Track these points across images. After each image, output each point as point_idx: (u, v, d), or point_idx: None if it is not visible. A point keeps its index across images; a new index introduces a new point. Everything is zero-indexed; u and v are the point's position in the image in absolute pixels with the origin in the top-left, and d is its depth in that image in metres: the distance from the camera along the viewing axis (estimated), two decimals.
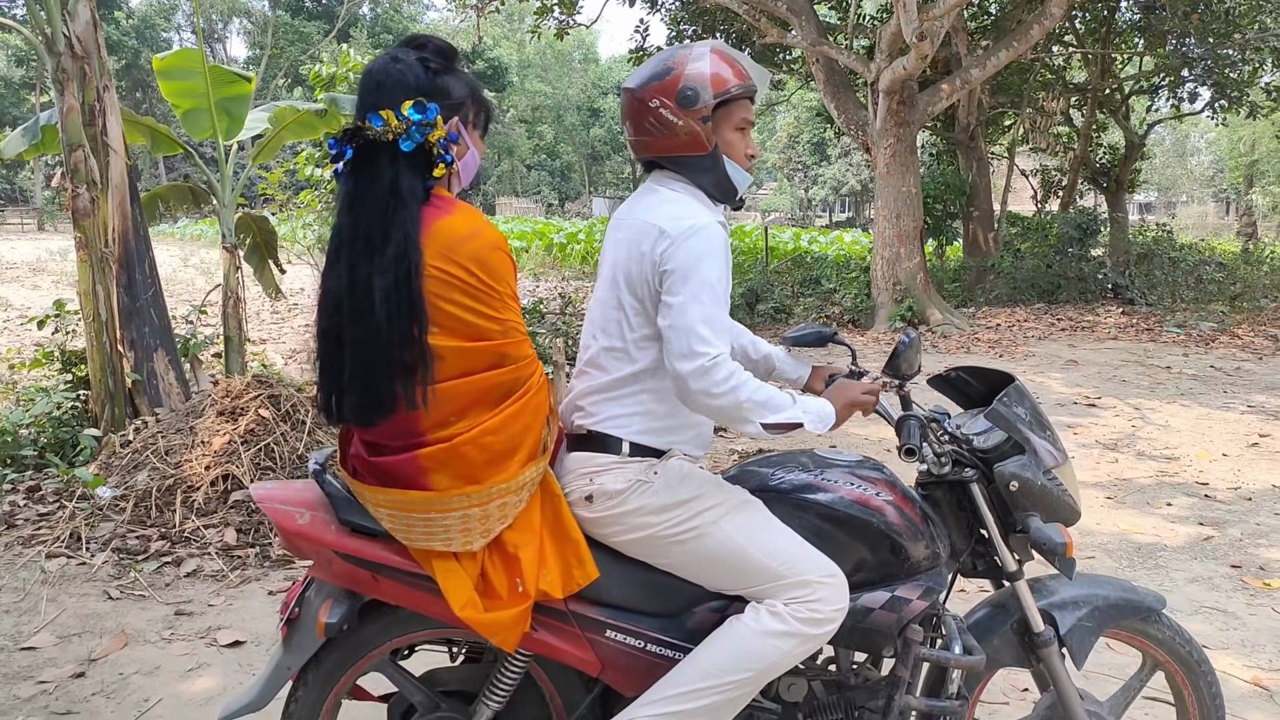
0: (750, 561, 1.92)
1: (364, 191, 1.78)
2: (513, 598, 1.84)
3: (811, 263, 17.04)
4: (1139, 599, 2.20)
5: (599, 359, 2.03)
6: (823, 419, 1.95)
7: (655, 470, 1.96)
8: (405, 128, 1.76)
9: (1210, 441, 6.53)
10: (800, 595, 1.89)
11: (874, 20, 16.19)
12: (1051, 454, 2.08)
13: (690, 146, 2.00)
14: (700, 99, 1.97)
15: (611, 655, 1.96)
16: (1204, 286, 14.91)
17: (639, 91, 2.02)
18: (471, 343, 1.79)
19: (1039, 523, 2.02)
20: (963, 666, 2.05)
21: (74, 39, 5.16)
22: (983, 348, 10.75)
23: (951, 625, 2.09)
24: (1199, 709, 2.25)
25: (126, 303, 5.31)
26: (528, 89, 53.49)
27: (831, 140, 47.97)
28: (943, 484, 2.13)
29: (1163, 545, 4.50)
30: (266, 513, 1.93)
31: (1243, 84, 15.88)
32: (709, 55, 2.01)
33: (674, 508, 1.93)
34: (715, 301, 1.89)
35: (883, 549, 2.02)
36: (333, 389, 1.80)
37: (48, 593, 3.77)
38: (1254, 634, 3.56)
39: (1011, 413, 2.07)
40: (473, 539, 1.83)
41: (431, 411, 1.77)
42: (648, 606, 2.00)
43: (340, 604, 1.92)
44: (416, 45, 1.90)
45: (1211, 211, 49.65)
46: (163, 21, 51.14)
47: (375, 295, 1.72)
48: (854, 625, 1.99)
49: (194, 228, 32.90)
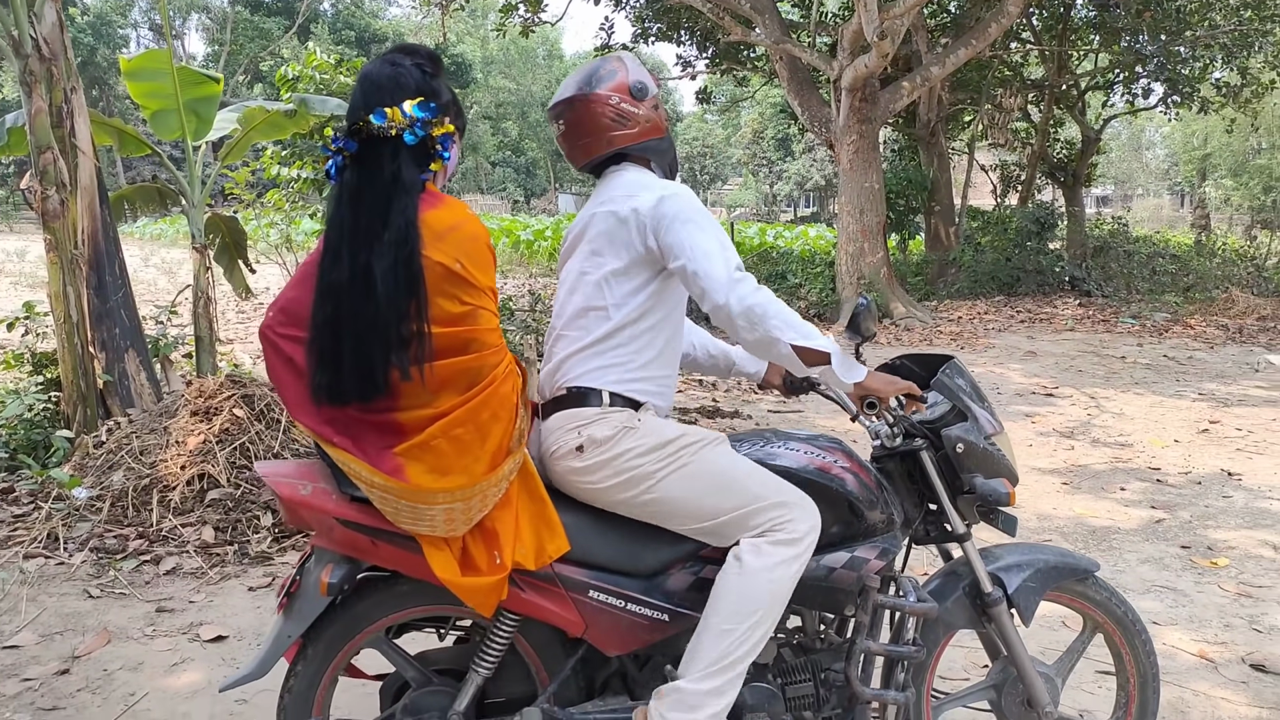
0: (732, 483, 2.07)
1: (366, 184, 1.88)
2: (491, 568, 1.96)
3: (777, 258, 17.21)
4: (1076, 561, 2.38)
5: (577, 321, 2.19)
6: (851, 368, 2.09)
7: (639, 419, 2.11)
8: (409, 123, 1.88)
9: (1162, 428, 6.76)
10: (775, 517, 2.03)
11: (836, 18, 16.38)
12: (990, 422, 2.25)
13: (651, 132, 2.26)
14: (648, 90, 2.26)
15: (594, 615, 2.07)
16: (1158, 278, 15.28)
17: (591, 94, 2.22)
18: (443, 328, 1.88)
19: (983, 479, 2.21)
20: (917, 612, 2.20)
21: (41, 41, 5.15)
22: (944, 340, 10.97)
23: (906, 584, 2.24)
24: (1136, 666, 2.42)
25: (97, 304, 5.31)
26: (492, 85, 53.36)
27: (796, 136, 48.35)
28: (894, 456, 2.30)
29: (1116, 528, 4.68)
30: (270, 485, 2.01)
31: (1194, 80, 16.29)
32: (629, 59, 2.31)
33: (660, 447, 2.07)
34: (716, 228, 2.11)
35: (843, 513, 2.17)
36: (332, 375, 1.87)
37: (27, 592, 3.79)
38: (1201, 610, 3.74)
39: (954, 383, 2.27)
40: (456, 526, 1.93)
41: (405, 394, 1.86)
42: (628, 567, 2.12)
43: (340, 567, 2.01)
44: (408, 52, 2.02)
45: (1166, 204, 50.68)
46: (119, 18, 50.30)
47: (375, 276, 1.82)
48: (817, 584, 2.14)
49: (153, 227, 32.45)
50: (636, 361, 2.15)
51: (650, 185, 2.17)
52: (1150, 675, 2.42)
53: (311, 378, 1.89)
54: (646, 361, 2.17)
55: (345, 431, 1.91)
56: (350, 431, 1.90)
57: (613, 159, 2.28)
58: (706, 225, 2.10)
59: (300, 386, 1.92)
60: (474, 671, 2.11)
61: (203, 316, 6.24)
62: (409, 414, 1.89)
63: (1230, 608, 3.75)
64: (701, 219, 2.10)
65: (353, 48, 45.65)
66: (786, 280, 14.47)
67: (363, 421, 1.90)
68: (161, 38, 52.59)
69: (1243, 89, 15.99)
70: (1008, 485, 2.21)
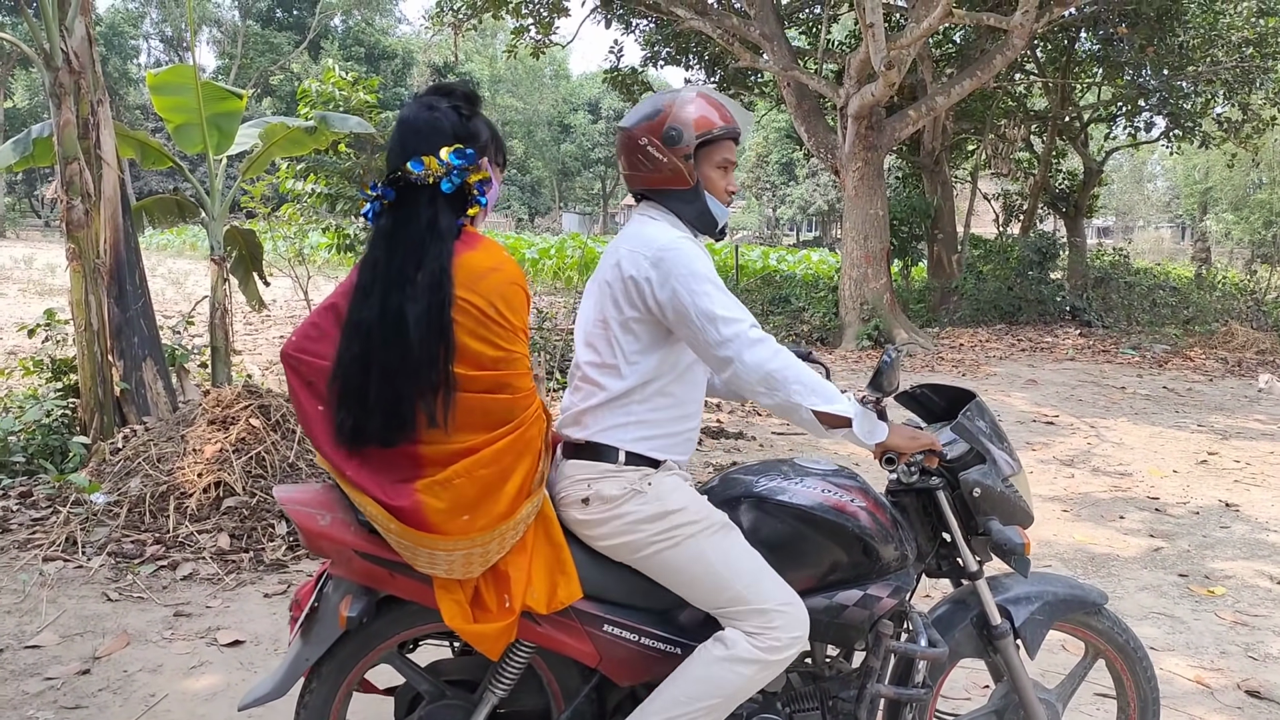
0: (717, 578, 2.05)
1: (401, 229, 1.92)
2: (500, 612, 1.98)
3: (780, 281, 17.33)
4: (1085, 594, 2.41)
5: (591, 375, 2.19)
6: (874, 429, 2.07)
7: (649, 481, 2.10)
8: (446, 171, 1.92)
9: (1162, 459, 6.84)
10: (760, 624, 2.03)
11: (843, 47, 16.59)
12: (1009, 464, 2.29)
13: (673, 181, 2.20)
14: (683, 139, 2.17)
15: (609, 648, 2.12)
16: (1158, 310, 15.37)
17: (631, 130, 2.22)
18: (476, 371, 1.91)
19: (998, 525, 2.22)
20: (927, 658, 2.23)
21: (71, 54, 5.27)
22: (946, 367, 11.06)
23: (918, 620, 2.27)
24: (1136, 691, 2.47)
25: (117, 313, 5.41)
26: (499, 104, 53.66)
27: (800, 161, 48.69)
28: (910, 492, 2.32)
29: (1116, 556, 4.76)
30: (289, 514, 2.04)
31: (1196, 115, 16.46)
32: (695, 99, 2.22)
33: (660, 518, 2.07)
34: (716, 287, 2.06)
35: (856, 551, 2.19)
36: (357, 413, 1.89)
37: (47, 595, 3.86)
38: (1198, 637, 3.81)
39: (974, 425, 2.28)
40: (473, 569, 1.97)
41: (428, 429, 1.89)
42: (642, 604, 2.16)
43: (359, 599, 2.04)
44: (444, 93, 2.05)
45: (1167, 236, 50.86)
46: (131, 29, 50.73)
47: (409, 321, 1.85)
48: (829, 620, 2.17)
49: (160, 237, 32.58)
50: (654, 419, 2.15)
51: (652, 241, 2.12)
52: (1151, 700, 2.47)
53: (335, 415, 1.91)
54: (666, 419, 2.16)
55: (361, 462, 1.92)
56: (368, 465, 1.92)
57: (645, 193, 2.28)
58: (698, 285, 2.04)
59: (316, 412, 1.94)
60: (490, 692, 2.16)
61: (219, 327, 6.34)
62: (432, 448, 1.91)
63: (1227, 635, 3.82)
64: (692, 281, 2.04)
65: (362, 64, 46.01)
66: (790, 304, 14.57)
67: (382, 453, 1.91)
68: (172, 49, 53.01)
69: (1244, 124, 16.14)
70: (1023, 534, 2.20)
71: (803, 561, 2.16)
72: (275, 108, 44.73)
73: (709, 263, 2.13)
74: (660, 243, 2.11)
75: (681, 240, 2.12)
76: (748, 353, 2.01)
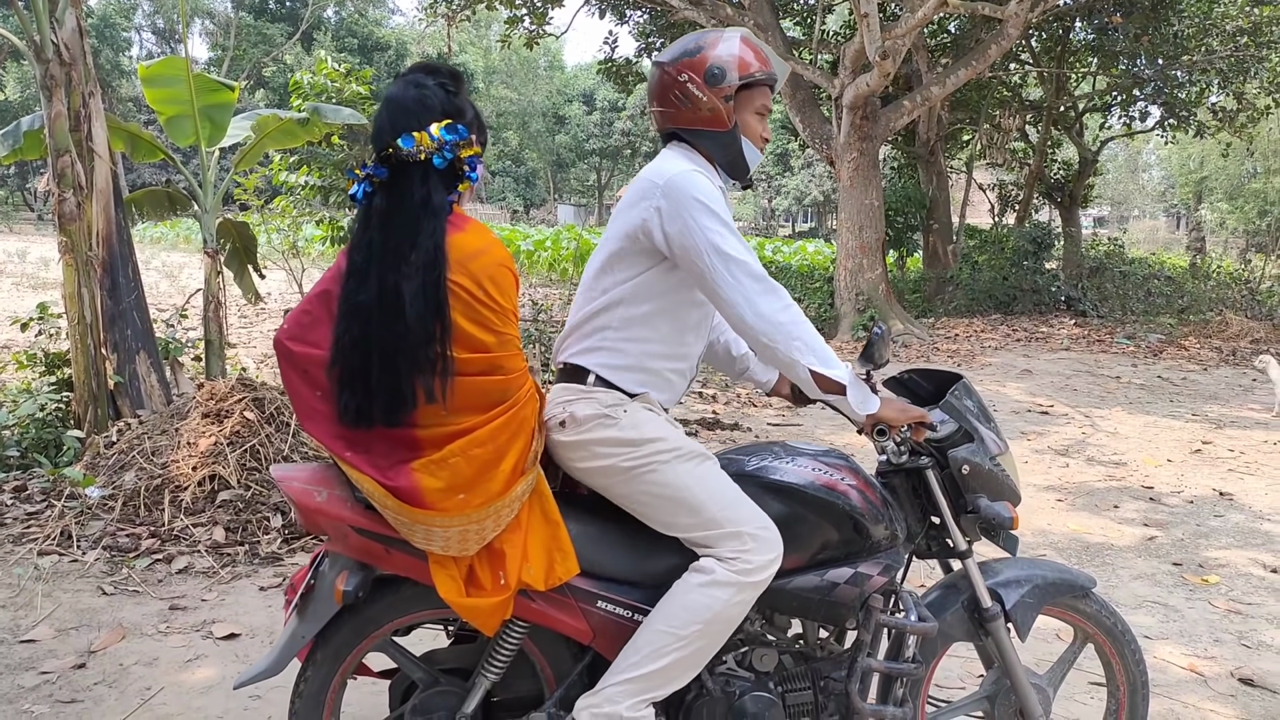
0: (693, 503, 2.05)
1: (395, 208, 1.91)
2: (495, 589, 1.99)
3: (776, 273, 17.34)
4: (1074, 578, 2.43)
5: (582, 296, 2.21)
6: (866, 400, 2.10)
7: (624, 409, 2.10)
8: (438, 146, 1.90)
9: (1156, 448, 6.86)
10: (734, 547, 2.03)
11: (838, 37, 16.55)
12: (996, 443, 2.32)
13: (711, 122, 2.15)
14: (726, 78, 2.12)
15: (602, 624, 2.14)
16: (1153, 300, 15.41)
17: (669, 66, 2.17)
18: (469, 353, 1.92)
19: (987, 501, 2.26)
20: (917, 631, 2.25)
21: (61, 46, 5.24)
22: (942, 357, 11.07)
23: (908, 599, 2.29)
24: (1125, 675, 2.49)
25: (110, 306, 5.39)
26: (493, 95, 53.48)
27: (795, 152, 48.58)
28: (900, 472, 2.34)
29: (1110, 545, 4.77)
30: (285, 492, 2.04)
31: (1191, 104, 16.48)
32: (738, 40, 2.17)
33: (635, 444, 2.07)
34: (729, 229, 2.02)
35: (847, 529, 2.22)
36: (360, 396, 1.89)
37: (42, 589, 3.86)
38: (1192, 625, 3.82)
39: (962, 404, 2.32)
40: (468, 546, 1.97)
41: (425, 411, 1.89)
42: (636, 578, 2.17)
43: (355, 574, 2.05)
44: (429, 71, 2.03)
45: (1162, 226, 50.89)
46: (123, 20, 50.44)
47: (405, 298, 1.85)
48: (820, 598, 2.19)
49: (154, 230, 32.49)
50: (628, 349, 2.13)
51: (665, 170, 2.07)
52: (1140, 683, 2.49)
53: (338, 400, 1.91)
54: (644, 353, 2.14)
55: (358, 446, 1.92)
56: (364, 445, 1.92)
57: (674, 134, 2.22)
58: (715, 224, 2.00)
59: (312, 397, 1.94)
60: (482, 675, 2.17)
61: (213, 320, 6.32)
62: (428, 430, 1.92)
63: (1220, 624, 3.84)
64: (709, 219, 2.00)
65: (355, 55, 45.76)
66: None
67: (379, 435, 1.92)
68: (164, 40, 52.75)
69: (1238, 114, 16.17)
70: (1011, 509, 2.24)
71: (794, 539, 2.18)
72: (268, 100, 44.51)
73: (723, 203, 2.08)
74: (674, 170, 2.07)
75: (697, 174, 2.07)
76: (760, 300, 2.00)
